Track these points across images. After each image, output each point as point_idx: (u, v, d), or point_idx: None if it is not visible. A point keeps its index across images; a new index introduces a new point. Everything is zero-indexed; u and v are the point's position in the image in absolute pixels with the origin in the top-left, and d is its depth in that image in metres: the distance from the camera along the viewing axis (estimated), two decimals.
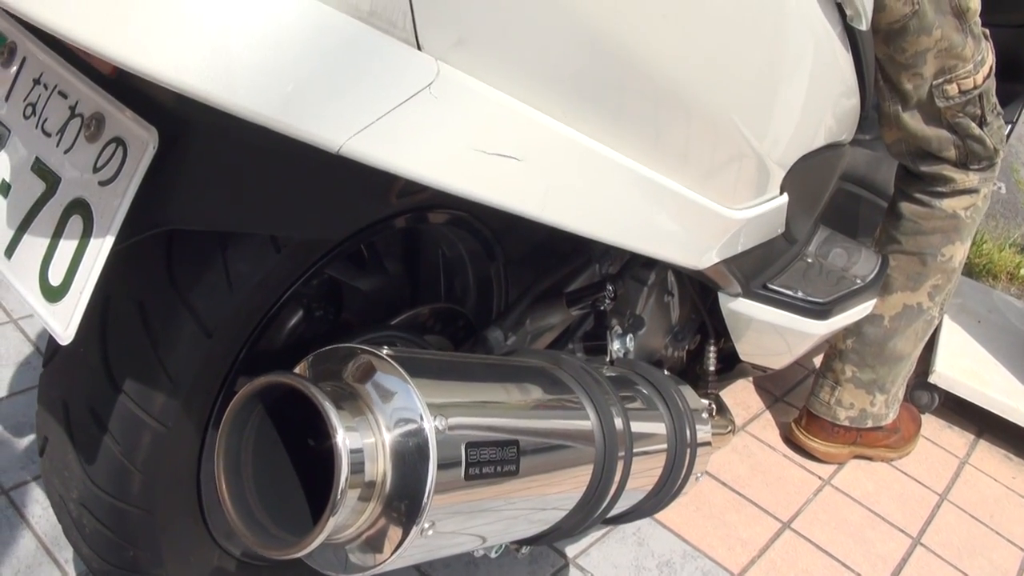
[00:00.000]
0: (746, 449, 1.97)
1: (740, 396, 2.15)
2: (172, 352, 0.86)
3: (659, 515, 1.67)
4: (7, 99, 0.85)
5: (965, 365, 2.24)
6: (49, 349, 0.94)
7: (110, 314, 0.87)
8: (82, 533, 0.97)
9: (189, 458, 0.94)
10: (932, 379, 2.20)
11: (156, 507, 0.93)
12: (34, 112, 0.83)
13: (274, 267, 0.86)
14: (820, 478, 1.95)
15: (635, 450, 1.00)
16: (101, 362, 0.88)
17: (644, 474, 1.05)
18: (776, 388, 2.23)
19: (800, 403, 2.07)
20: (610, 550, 1.57)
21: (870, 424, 1.95)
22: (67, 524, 0.99)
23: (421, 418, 0.72)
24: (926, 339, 1.90)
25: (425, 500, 0.71)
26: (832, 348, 1.93)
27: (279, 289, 0.90)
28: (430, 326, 1.13)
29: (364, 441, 0.71)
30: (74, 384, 0.92)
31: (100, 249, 0.73)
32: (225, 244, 0.84)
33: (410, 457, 0.72)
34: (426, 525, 0.72)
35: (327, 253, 0.91)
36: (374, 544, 0.74)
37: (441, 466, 0.72)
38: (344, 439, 0.68)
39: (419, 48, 0.66)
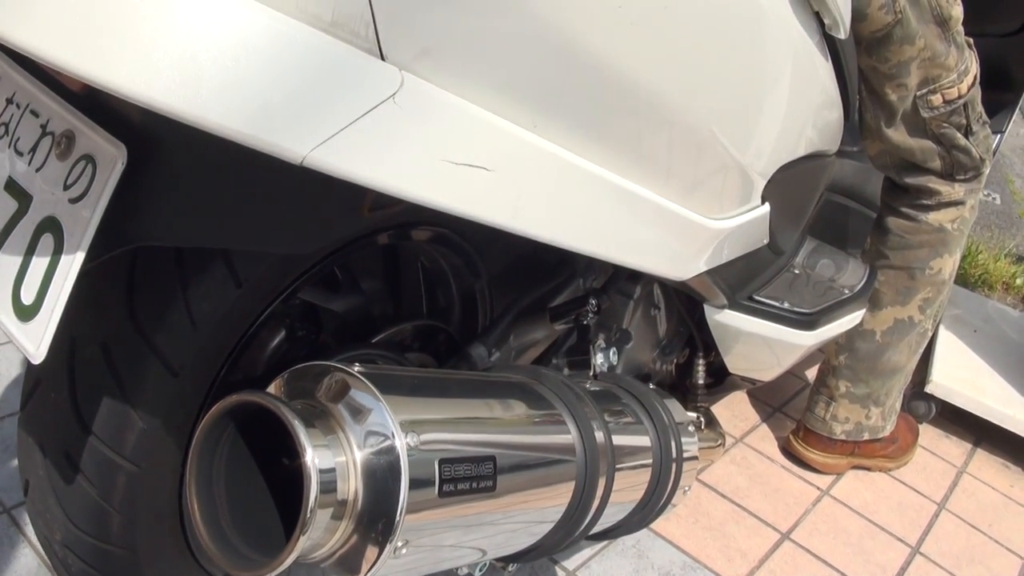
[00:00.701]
0: (745, 460, 1.96)
1: (738, 408, 2.15)
2: (139, 393, 0.85)
3: (658, 527, 1.66)
4: None
5: (961, 375, 2.24)
6: (24, 393, 0.94)
7: (76, 358, 0.86)
8: (69, 572, 0.96)
9: (169, 495, 0.93)
10: (929, 389, 2.19)
11: (138, 545, 0.92)
12: (7, 132, 0.82)
13: (236, 301, 0.85)
14: (819, 489, 1.94)
15: (618, 465, 0.98)
16: (71, 406, 0.87)
17: (628, 489, 1.03)
18: (774, 400, 2.22)
19: (798, 414, 2.07)
20: (610, 563, 1.56)
21: (867, 437, 1.94)
22: (55, 564, 0.98)
23: (392, 435, 0.71)
24: (920, 351, 1.89)
25: (397, 518, 0.70)
26: (826, 364, 1.92)
27: (245, 322, 0.88)
28: (410, 344, 1.12)
29: (335, 460, 0.70)
30: (48, 428, 0.91)
31: (71, 267, 0.73)
32: (186, 283, 0.83)
33: (381, 475, 0.71)
34: (399, 543, 0.71)
35: (295, 280, 0.90)
36: (348, 563, 0.73)
37: (414, 483, 0.71)
38: (313, 458, 0.67)
39: (383, 58, 0.65)
